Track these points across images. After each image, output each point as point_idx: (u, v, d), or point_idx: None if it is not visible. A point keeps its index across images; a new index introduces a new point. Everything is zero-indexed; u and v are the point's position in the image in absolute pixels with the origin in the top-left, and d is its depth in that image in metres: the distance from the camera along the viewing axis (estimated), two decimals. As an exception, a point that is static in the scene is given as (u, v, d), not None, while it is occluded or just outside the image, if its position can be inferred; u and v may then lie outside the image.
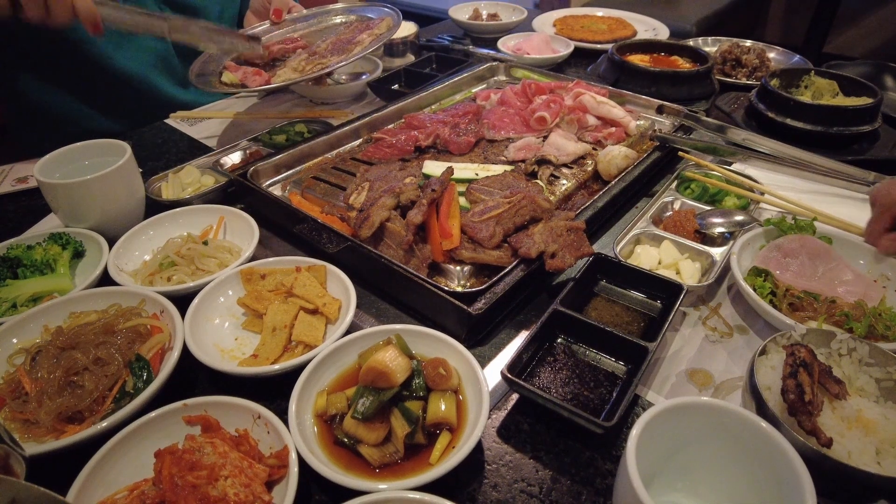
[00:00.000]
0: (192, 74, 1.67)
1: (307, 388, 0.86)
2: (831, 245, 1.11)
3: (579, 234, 1.10)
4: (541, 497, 0.79)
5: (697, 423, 0.72)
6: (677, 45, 2.05)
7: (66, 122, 1.79)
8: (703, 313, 1.08)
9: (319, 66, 1.65)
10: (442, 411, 0.83)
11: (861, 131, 1.51)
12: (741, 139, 1.49)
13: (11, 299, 1.06)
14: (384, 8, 1.89)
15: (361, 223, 1.13)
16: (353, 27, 1.86)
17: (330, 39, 1.80)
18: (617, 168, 1.36)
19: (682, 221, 1.21)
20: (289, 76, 1.65)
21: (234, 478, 0.72)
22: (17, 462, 0.66)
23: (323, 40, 1.81)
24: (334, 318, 1.02)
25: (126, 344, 0.93)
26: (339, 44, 1.75)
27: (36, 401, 0.85)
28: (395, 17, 1.82)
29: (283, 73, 1.68)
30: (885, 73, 1.92)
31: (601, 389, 0.91)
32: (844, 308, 0.99)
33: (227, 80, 1.67)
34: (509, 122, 1.58)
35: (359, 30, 1.80)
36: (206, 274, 1.12)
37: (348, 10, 1.98)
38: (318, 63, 1.66)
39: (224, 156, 1.51)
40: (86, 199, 1.18)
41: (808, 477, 0.64)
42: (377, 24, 1.80)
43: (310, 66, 1.67)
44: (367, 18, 1.90)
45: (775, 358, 0.84)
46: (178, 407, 0.82)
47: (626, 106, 1.64)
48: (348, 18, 1.95)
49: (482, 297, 0.98)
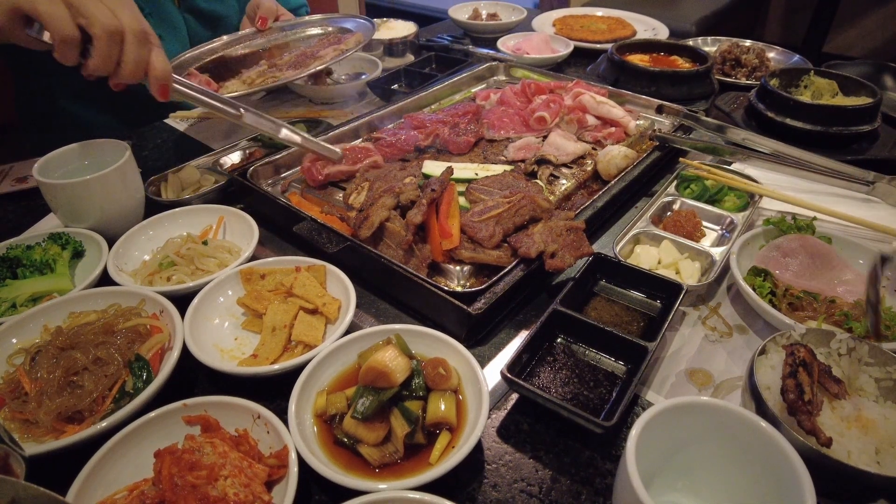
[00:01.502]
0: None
1: (307, 387, 0.86)
2: (831, 245, 1.11)
3: (579, 233, 1.10)
4: (540, 497, 0.79)
5: (697, 422, 0.72)
6: (677, 45, 2.05)
7: (70, 124, 1.79)
8: (702, 313, 1.09)
9: (272, 79, 1.64)
10: (442, 411, 0.83)
11: (860, 131, 1.51)
12: (741, 139, 1.49)
13: (11, 299, 1.06)
14: (366, 22, 1.87)
15: (361, 223, 1.13)
16: (325, 40, 1.84)
17: (295, 53, 1.78)
18: (616, 168, 1.36)
19: (682, 221, 1.21)
20: (237, 88, 1.63)
21: (234, 478, 0.72)
22: (17, 462, 0.66)
23: (289, 53, 1.80)
24: (334, 318, 1.02)
25: (126, 344, 0.93)
26: (301, 58, 1.73)
27: (35, 401, 0.85)
28: (367, 32, 1.80)
29: (231, 85, 1.66)
30: (884, 72, 1.92)
31: (601, 389, 0.91)
32: (844, 308, 0.99)
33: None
34: (509, 122, 1.58)
35: (327, 43, 1.79)
36: (205, 274, 1.12)
37: (330, 20, 1.96)
38: (272, 76, 1.65)
39: (224, 156, 1.51)
40: (85, 199, 1.18)
41: (808, 477, 0.64)
42: (346, 40, 1.78)
43: (260, 80, 1.65)
44: (344, 30, 1.88)
45: (775, 357, 0.84)
46: (178, 407, 0.82)
47: (625, 106, 1.64)
48: (326, 30, 1.93)
49: (482, 296, 0.98)
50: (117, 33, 1.02)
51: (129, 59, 1.04)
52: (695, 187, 1.35)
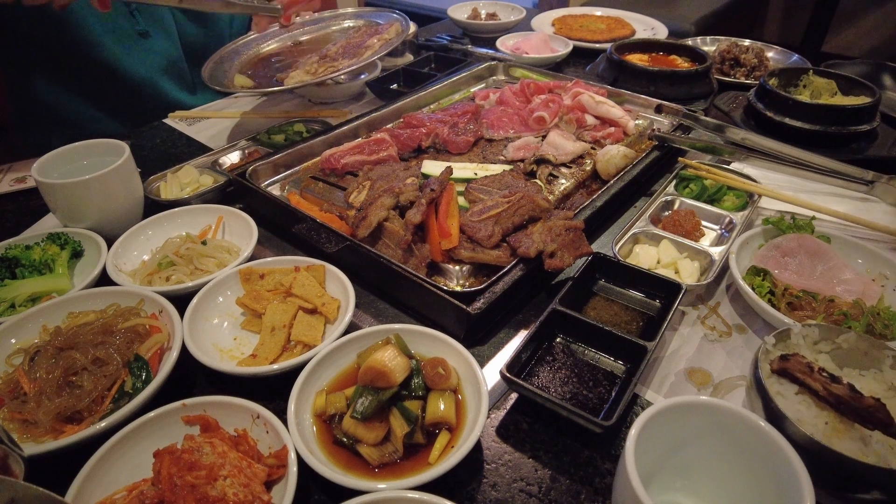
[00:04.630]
0: (204, 75, 1.68)
1: (306, 387, 0.86)
2: (830, 244, 1.12)
3: (578, 233, 1.10)
4: (540, 496, 0.79)
5: (696, 422, 0.72)
6: (676, 45, 2.05)
7: (71, 124, 1.79)
8: (701, 312, 1.09)
9: (331, 68, 1.67)
10: (441, 411, 0.83)
11: (859, 130, 1.51)
12: (740, 138, 1.49)
13: (10, 299, 1.06)
14: (392, 14, 1.91)
15: (359, 223, 1.13)
16: (361, 32, 1.89)
17: (340, 43, 1.82)
18: (616, 167, 1.36)
19: (681, 221, 1.21)
20: (301, 78, 1.67)
21: (233, 478, 0.72)
22: (16, 462, 0.66)
23: (333, 44, 1.83)
24: (333, 318, 1.01)
25: (125, 344, 0.93)
26: (349, 47, 1.77)
27: (34, 401, 0.85)
28: (402, 23, 1.85)
29: (295, 74, 1.70)
30: (883, 72, 1.92)
31: (600, 389, 0.91)
32: (843, 307, 0.99)
33: (240, 84, 1.69)
34: (508, 122, 1.58)
35: (368, 34, 1.82)
36: (204, 274, 1.12)
37: (357, 15, 2.01)
38: (330, 66, 1.69)
39: (223, 155, 1.51)
40: (84, 199, 1.18)
41: (807, 475, 0.64)
42: (386, 30, 1.83)
43: (322, 69, 1.69)
44: (375, 24, 1.93)
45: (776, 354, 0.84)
46: (177, 407, 0.82)
47: (624, 105, 1.64)
48: (357, 23, 1.98)
49: (481, 296, 0.98)
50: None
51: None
52: (694, 187, 1.35)
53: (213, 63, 1.75)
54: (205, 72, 1.70)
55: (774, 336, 0.86)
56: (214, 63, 1.76)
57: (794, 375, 0.79)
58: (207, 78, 1.67)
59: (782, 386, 0.80)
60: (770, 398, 0.76)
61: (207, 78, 1.67)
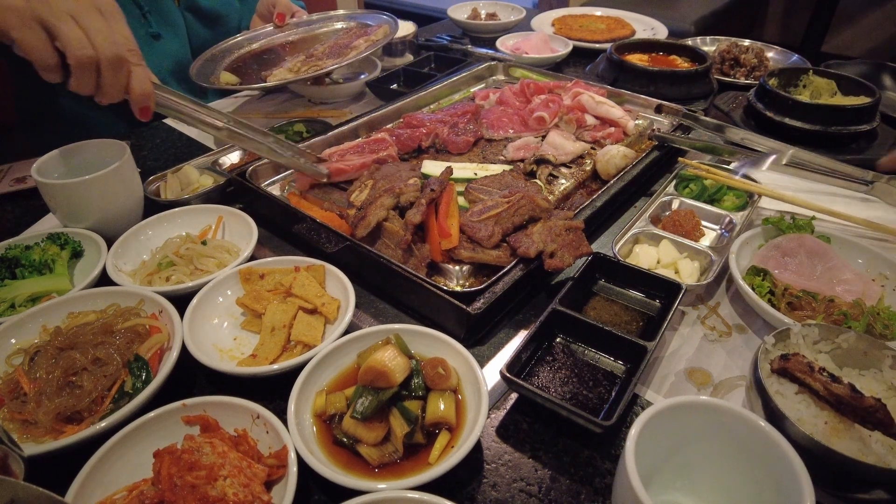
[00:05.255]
0: (192, 71, 1.71)
1: (306, 387, 0.86)
2: (830, 244, 1.12)
3: (578, 233, 1.10)
4: (540, 496, 0.79)
5: (696, 422, 0.72)
6: (676, 45, 2.05)
7: (70, 124, 1.79)
8: (701, 312, 1.09)
9: (315, 67, 1.69)
10: (441, 411, 0.83)
11: (859, 130, 1.51)
12: (740, 138, 1.49)
13: (10, 299, 1.06)
14: (382, 16, 1.94)
15: (358, 222, 1.13)
16: (351, 33, 1.91)
17: (328, 43, 1.85)
18: (615, 167, 1.36)
19: (681, 221, 1.21)
20: (284, 76, 1.69)
21: (233, 478, 0.72)
22: (16, 462, 0.66)
23: (321, 44, 1.86)
24: (333, 318, 1.01)
25: (125, 344, 0.93)
26: (335, 48, 1.80)
27: (34, 401, 0.85)
28: (391, 25, 1.88)
29: (278, 72, 1.72)
30: (883, 72, 1.92)
31: (600, 389, 0.91)
32: (843, 307, 0.99)
33: (226, 80, 1.71)
34: (508, 122, 1.58)
35: (356, 35, 1.85)
36: (204, 274, 1.12)
37: (349, 16, 2.03)
38: (314, 65, 1.71)
39: (222, 155, 1.51)
40: (84, 199, 1.18)
41: (807, 475, 0.64)
42: (374, 31, 1.85)
43: (305, 68, 1.71)
44: (365, 25, 1.95)
45: (776, 353, 0.84)
46: (177, 407, 0.82)
47: (624, 105, 1.64)
48: (348, 25, 2.00)
49: (481, 296, 0.98)
50: (90, 62, 1.00)
51: (105, 84, 1.03)
52: (694, 187, 1.35)
53: (203, 60, 1.78)
54: (193, 68, 1.73)
55: (774, 336, 0.86)
56: (204, 60, 1.78)
57: (795, 375, 0.79)
58: (195, 74, 1.70)
59: (782, 386, 0.80)
60: (770, 398, 0.76)
61: (195, 74, 1.70)
